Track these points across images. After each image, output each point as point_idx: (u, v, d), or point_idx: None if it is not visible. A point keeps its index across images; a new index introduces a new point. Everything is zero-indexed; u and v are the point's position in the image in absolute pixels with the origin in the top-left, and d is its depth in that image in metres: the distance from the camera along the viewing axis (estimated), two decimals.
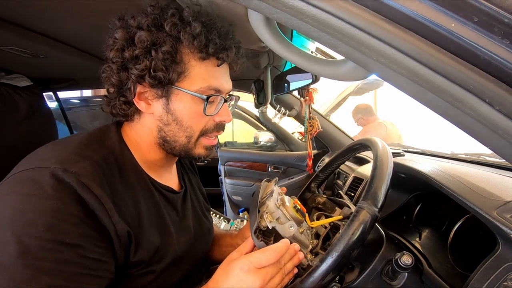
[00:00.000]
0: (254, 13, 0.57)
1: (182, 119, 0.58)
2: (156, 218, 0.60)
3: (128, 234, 0.52)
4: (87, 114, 2.79)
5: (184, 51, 0.56)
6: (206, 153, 0.65)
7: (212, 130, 0.62)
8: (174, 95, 0.57)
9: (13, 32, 0.78)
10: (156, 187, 0.64)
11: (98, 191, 0.48)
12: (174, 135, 0.60)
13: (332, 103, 3.44)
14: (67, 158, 0.49)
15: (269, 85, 1.40)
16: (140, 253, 0.55)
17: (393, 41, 0.37)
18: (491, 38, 0.33)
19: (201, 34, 0.54)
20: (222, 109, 0.61)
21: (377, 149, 0.61)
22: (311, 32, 0.43)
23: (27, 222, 0.43)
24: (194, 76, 0.57)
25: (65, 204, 0.45)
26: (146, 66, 0.53)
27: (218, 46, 0.56)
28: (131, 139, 0.63)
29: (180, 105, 0.58)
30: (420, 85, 0.38)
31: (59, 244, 0.43)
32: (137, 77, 0.55)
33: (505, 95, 0.34)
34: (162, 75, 0.54)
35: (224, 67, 0.61)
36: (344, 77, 0.55)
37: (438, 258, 0.69)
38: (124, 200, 0.54)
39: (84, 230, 0.46)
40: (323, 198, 0.80)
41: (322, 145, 1.93)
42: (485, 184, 0.61)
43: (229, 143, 2.76)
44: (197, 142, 0.62)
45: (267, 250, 0.50)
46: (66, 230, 0.44)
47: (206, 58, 0.56)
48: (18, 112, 1.06)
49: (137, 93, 0.57)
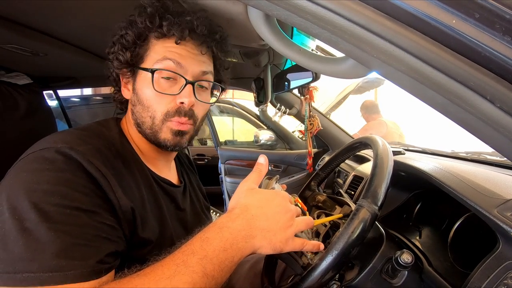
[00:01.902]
0: (254, 10, 0.57)
1: (142, 98, 0.61)
2: (155, 207, 0.61)
3: (132, 210, 0.53)
4: (87, 113, 2.79)
5: (148, 35, 0.60)
6: (173, 140, 0.62)
7: (173, 114, 0.60)
8: (138, 76, 0.62)
9: (13, 30, 0.78)
10: (155, 178, 0.65)
11: (103, 169, 0.50)
12: (140, 116, 0.62)
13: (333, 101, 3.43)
14: (72, 141, 0.51)
15: (269, 84, 1.40)
16: (147, 231, 0.56)
17: (393, 38, 0.36)
18: (493, 34, 0.33)
19: (154, 14, 0.58)
20: (184, 90, 0.60)
21: (378, 147, 0.61)
22: (311, 29, 0.42)
23: (43, 192, 0.44)
24: (153, 54, 0.60)
25: (76, 176, 0.47)
26: (114, 51, 0.61)
27: (169, 22, 0.58)
28: (127, 131, 0.65)
29: (140, 83, 0.61)
30: (421, 83, 0.38)
31: (77, 209, 0.45)
32: (112, 62, 0.62)
33: (506, 92, 0.33)
34: (123, 56, 0.60)
35: (190, 47, 0.60)
36: (345, 75, 0.55)
37: (438, 257, 0.69)
38: (128, 183, 0.55)
39: (96, 200, 0.48)
40: (323, 197, 0.80)
41: (322, 143, 1.93)
42: (485, 182, 0.61)
43: (229, 142, 2.77)
44: (162, 126, 0.61)
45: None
46: (81, 199, 0.46)
47: (162, 36, 0.59)
48: (18, 110, 1.06)
49: (122, 81, 0.64)
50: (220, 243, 0.45)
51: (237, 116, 3.14)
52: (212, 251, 0.45)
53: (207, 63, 0.64)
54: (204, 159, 3.11)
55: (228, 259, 0.45)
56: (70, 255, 0.42)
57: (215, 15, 0.64)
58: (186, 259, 0.43)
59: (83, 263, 0.42)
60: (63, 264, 0.41)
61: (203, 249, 0.44)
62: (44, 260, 0.40)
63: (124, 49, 0.60)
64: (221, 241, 0.46)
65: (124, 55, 0.60)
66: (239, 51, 1.06)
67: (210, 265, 0.44)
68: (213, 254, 0.44)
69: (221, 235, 0.46)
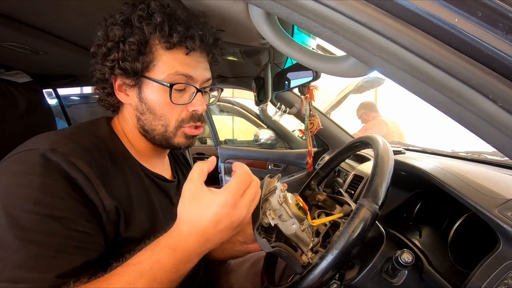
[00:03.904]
0: (255, 8, 0.56)
1: (154, 108, 0.61)
2: (146, 203, 0.61)
3: (116, 209, 0.53)
4: (87, 111, 2.78)
5: (152, 43, 0.58)
6: (186, 142, 0.65)
7: (188, 120, 0.63)
8: (145, 84, 0.60)
9: (13, 28, 0.77)
10: (147, 174, 0.65)
11: (85, 169, 0.50)
12: (150, 124, 0.62)
13: (333, 101, 3.43)
14: (57, 141, 0.52)
15: (270, 83, 1.39)
16: (131, 230, 0.55)
17: (395, 36, 0.36)
18: (495, 33, 0.33)
19: (164, 23, 0.56)
20: (196, 99, 0.62)
21: (378, 146, 0.60)
22: (312, 28, 0.42)
23: (17, 197, 0.45)
24: (162, 65, 0.59)
25: (53, 180, 0.47)
26: (115, 58, 0.58)
27: (181, 35, 0.57)
28: (120, 130, 0.66)
29: (150, 94, 0.60)
30: (422, 81, 0.38)
31: (48, 217, 0.45)
32: (110, 69, 0.59)
33: (508, 91, 0.33)
34: (129, 65, 0.57)
35: (197, 56, 0.61)
36: (346, 74, 0.55)
37: (438, 256, 0.69)
38: (114, 181, 0.55)
39: (72, 204, 0.48)
40: (323, 196, 0.80)
41: (322, 143, 1.92)
42: (486, 182, 0.61)
43: (229, 141, 2.76)
44: (176, 132, 0.63)
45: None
46: (54, 204, 0.46)
47: (172, 47, 0.58)
48: (17, 108, 1.06)
49: (117, 85, 0.62)
50: (173, 265, 0.45)
51: (237, 115, 3.14)
52: (163, 273, 0.45)
53: (208, 69, 0.65)
54: (204, 158, 3.11)
55: (180, 275, 0.47)
56: (31, 266, 0.42)
57: (216, 14, 0.64)
58: (133, 282, 0.43)
59: (42, 277, 0.42)
60: (21, 275, 0.41)
61: (152, 272, 0.44)
62: (3, 269, 0.40)
63: (129, 57, 0.57)
64: (174, 263, 0.46)
65: (132, 65, 0.57)
66: (239, 49, 1.06)
67: (159, 285, 0.44)
68: (164, 276, 0.45)
69: (173, 257, 0.46)
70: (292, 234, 0.57)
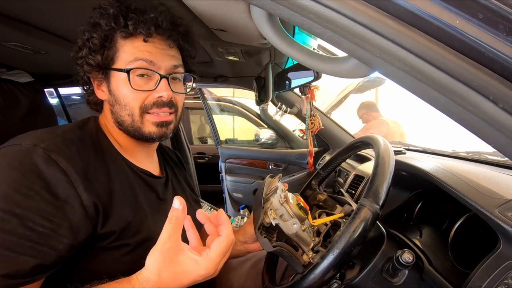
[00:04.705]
0: (257, 9, 0.57)
1: (119, 98, 0.62)
2: (129, 196, 0.62)
3: (95, 205, 0.54)
4: (88, 110, 2.78)
5: (115, 36, 0.61)
6: (158, 131, 0.64)
7: (151, 106, 0.63)
8: (112, 76, 0.63)
9: (14, 28, 0.78)
10: (132, 168, 0.66)
11: (64, 164, 0.51)
12: (119, 115, 0.63)
13: (333, 101, 3.43)
14: (41, 136, 0.53)
15: (271, 82, 1.40)
16: (109, 224, 0.56)
17: (396, 38, 0.36)
18: (496, 35, 0.33)
19: (118, 14, 0.59)
20: (160, 85, 0.62)
21: (379, 146, 0.61)
22: (314, 29, 0.42)
23: None
24: (124, 55, 0.61)
25: (24, 176, 0.48)
26: (83, 55, 0.61)
27: (134, 21, 0.58)
28: (104, 127, 0.67)
29: (115, 84, 0.62)
30: (423, 82, 0.38)
31: (9, 213, 0.46)
32: (81, 66, 0.62)
33: (509, 93, 0.33)
34: (93, 59, 0.60)
35: (157, 43, 0.62)
36: (347, 74, 0.55)
37: (438, 256, 0.69)
38: (96, 176, 0.56)
39: (36, 204, 0.48)
40: (324, 196, 0.80)
41: (323, 142, 1.92)
42: (486, 182, 0.61)
43: (230, 141, 2.76)
44: (143, 120, 0.63)
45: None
46: (19, 201, 0.47)
47: (129, 36, 0.60)
48: (19, 108, 1.06)
49: (95, 83, 0.65)
50: None
51: (237, 114, 3.14)
52: None
53: (176, 57, 0.66)
54: (205, 158, 3.11)
55: None
56: None
57: (217, 14, 0.64)
58: None
59: None
60: None
61: None
62: None
63: (93, 52, 0.61)
64: None
65: (95, 59, 0.60)
66: (240, 49, 1.06)
67: None
68: None
69: None
70: (293, 234, 0.58)
